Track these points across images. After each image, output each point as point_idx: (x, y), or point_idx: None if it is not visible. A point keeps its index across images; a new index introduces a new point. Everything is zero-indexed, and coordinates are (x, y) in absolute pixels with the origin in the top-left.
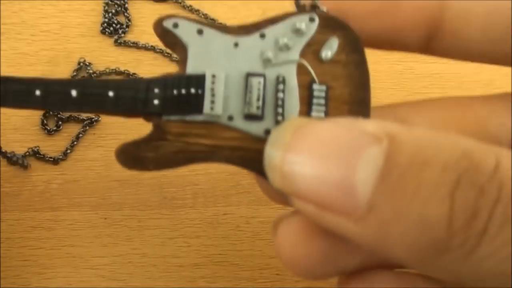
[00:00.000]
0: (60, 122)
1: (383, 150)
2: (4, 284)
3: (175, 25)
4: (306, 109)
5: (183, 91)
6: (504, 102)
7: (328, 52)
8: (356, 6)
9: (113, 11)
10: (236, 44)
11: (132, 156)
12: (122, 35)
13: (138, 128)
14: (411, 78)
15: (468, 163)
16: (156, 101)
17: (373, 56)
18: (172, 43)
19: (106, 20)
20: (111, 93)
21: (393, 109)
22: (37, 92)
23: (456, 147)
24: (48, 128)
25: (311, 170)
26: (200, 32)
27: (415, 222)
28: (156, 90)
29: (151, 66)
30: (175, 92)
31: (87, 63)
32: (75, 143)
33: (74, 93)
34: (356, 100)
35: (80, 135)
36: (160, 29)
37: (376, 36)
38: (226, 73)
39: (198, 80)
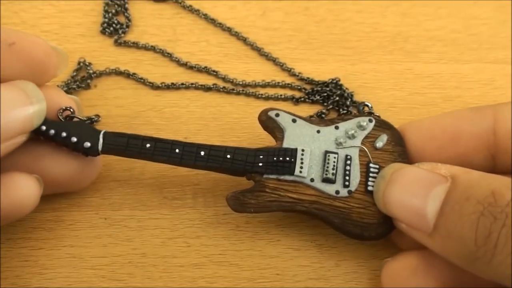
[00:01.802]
0: None
1: (446, 188)
2: (5, 284)
3: (277, 115)
4: (364, 180)
5: (281, 158)
6: None
7: (380, 143)
8: (427, 145)
9: (113, 11)
10: (318, 131)
11: (240, 201)
12: (122, 35)
13: (137, 128)
14: (411, 78)
15: (491, 200)
16: (260, 164)
17: (373, 56)
18: (272, 127)
19: (106, 20)
20: (228, 156)
21: None
22: (177, 150)
23: (489, 187)
24: None
25: (400, 199)
26: (294, 121)
27: (458, 239)
28: (261, 156)
29: (151, 66)
30: (275, 158)
31: (87, 63)
32: None
33: (202, 153)
34: None
35: None
36: (265, 116)
37: (449, 162)
38: (311, 149)
39: (292, 152)
